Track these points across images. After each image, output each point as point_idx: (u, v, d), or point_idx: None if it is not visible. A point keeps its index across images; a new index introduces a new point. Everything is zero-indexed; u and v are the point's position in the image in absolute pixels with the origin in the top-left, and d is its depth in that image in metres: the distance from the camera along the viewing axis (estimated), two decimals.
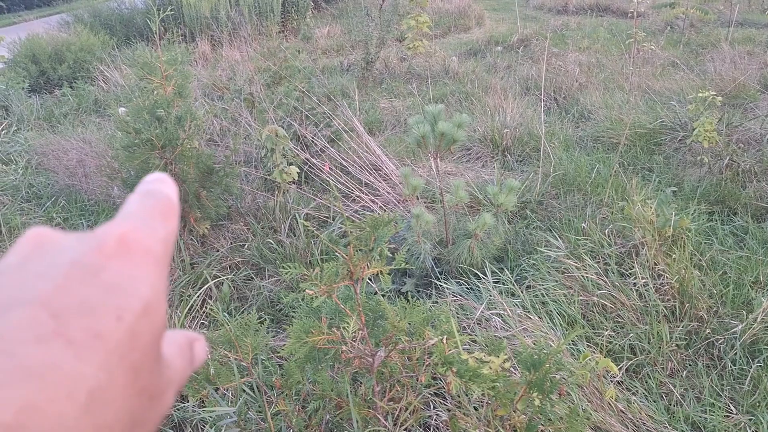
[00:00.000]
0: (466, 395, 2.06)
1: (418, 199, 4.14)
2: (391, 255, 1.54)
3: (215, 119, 5.66)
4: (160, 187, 0.35)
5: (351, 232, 1.40)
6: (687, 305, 2.95)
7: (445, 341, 1.54)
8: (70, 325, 0.26)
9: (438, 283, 3.21)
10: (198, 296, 3.31)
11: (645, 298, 3.01)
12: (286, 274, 1.58)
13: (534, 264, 3.30)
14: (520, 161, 5.18)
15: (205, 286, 3.41)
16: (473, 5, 16.09)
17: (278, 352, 2.85)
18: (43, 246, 0.31)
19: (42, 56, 8.85)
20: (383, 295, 2.95)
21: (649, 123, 5.35)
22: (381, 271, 1.53)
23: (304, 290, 1.58)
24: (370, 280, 2.68)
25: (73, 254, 0.29)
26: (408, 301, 1.91)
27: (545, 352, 1.61)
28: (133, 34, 11.99)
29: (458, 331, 1.88)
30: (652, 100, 6.08)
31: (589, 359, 2.10)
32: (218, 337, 1.76)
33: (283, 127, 4.59)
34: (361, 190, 4.41)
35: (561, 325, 2.80)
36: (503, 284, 3.08)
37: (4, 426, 0.23)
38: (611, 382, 2.51)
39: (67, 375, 0.25)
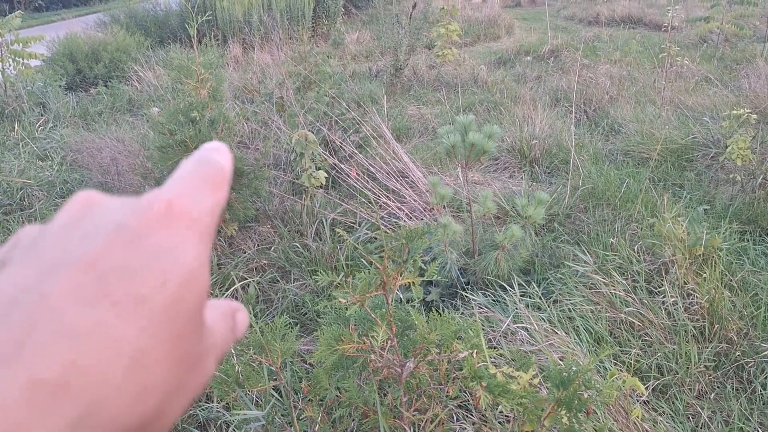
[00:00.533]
0: (492, 410, 2.05)
1: (444, 208, 4.13)
2: (423, 266, 1.53)
3: (245, 122, 5.70)
4: (215, 156, 0.35)
5: (386, 243, 1.40)
6: (717, 326, 2.91)
7: (474, 355, 1.54)
8: (114, 288, 0.27)
9: (464, 293, 3.19)
10: (224, 297, 3.33)
11: (674, 317, 2.97)
12: (317, 281, 1.58)
13: (561, 278, 3.28)
14: (548, 173, 5.15)
15: (232, 288, 3.42)
16: (503, 14, 16.07)
17: (302, 357, 2.86)
18: (91, 208, 0.31)
19: (79, 55, 9.00)
20: (407, 303, 2.94)
21: (681, 139, 5.30)
22: (413, 281, 1.53)
23: (335, 297, 1.58)
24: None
25: (119, 217, 0.29)
26: (432, 310, 1.90)
27: (574, 369, 1.60)
28: (167, 36, 12.14)
29: (485, 344, 1.87)
30: (685, 116, 6.02)
31: (616, 377, 2.08)
32: (248, 340, 1.77)
33: (312, 132, 4.61)
34: (387, 196, 4.41)
35: (588, 341, 2.78)
36: (530, 297, 3.06)
37: (50, 382, 0.24)
38: (638, 401, 2.48)
39: (111, 337, 0.26)
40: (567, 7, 18.49)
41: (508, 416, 2.13)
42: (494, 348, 2.52)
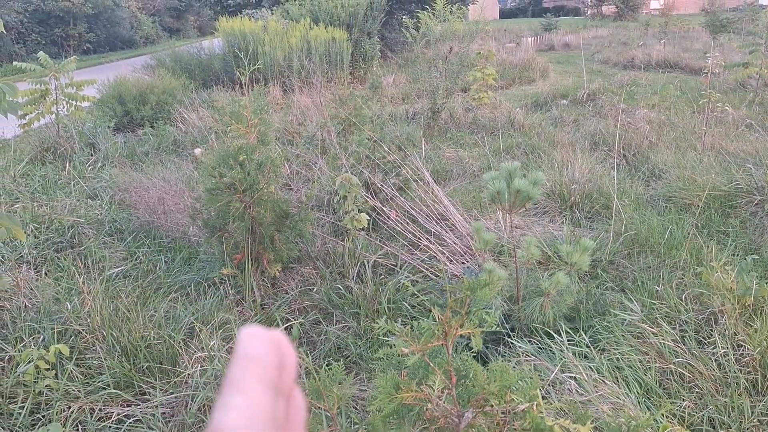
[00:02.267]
0: None
1: (486, 252, 4.14)
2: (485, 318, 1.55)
3: (287, 164, 5.79)
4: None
5: (450, 294, 1.42)
6: None
7: (535, 407, 1.55)
8: None
9: (509, 340, 3.19)
10: None
11: (725, 368, 2.93)
12: (375, 327, 1.61)
13: (607, 326, 3.26)
14: (589, 218, 5.14)
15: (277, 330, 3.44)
16: (537, 58, 16.20)
17: (353, 402, 2.87)
18: None
19: (128, 97, 9.28)
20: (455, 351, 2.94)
21: (724, 185, 5.26)
22: (473, 332, 1.55)
23: (393, 345, 1.60)
24: None
25: None
26: (479, 358, 1.90)
27: (633, 424, 1.59)
28: (210, 78, 12.44)
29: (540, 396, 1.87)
30: (726, 162, 5.98)
31: (670, 431, 2.06)
32: (306, 385, 1.79)
33: (354, 174, 4.67)
34: (428, 239, 4.43)
35: (637, 392, 2.75)
36: (577, 346, 3.04)
37: None
38: None
39: None
40: (601, 51, 18.58)
41: None
42: (543, 398, 2.51)
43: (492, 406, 1.63)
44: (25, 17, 23.79)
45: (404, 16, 18.68)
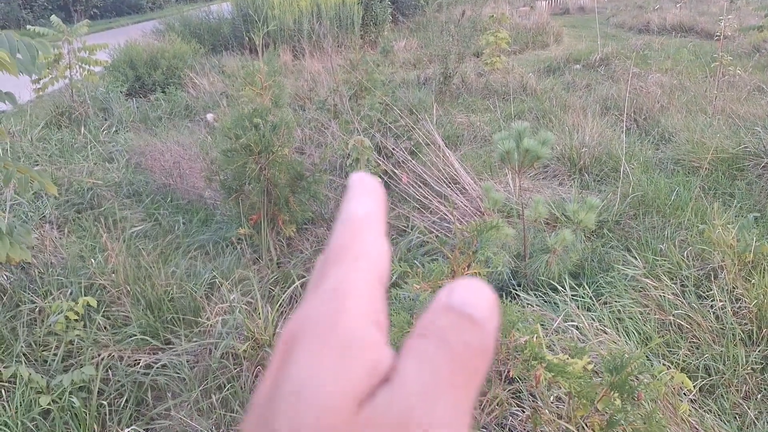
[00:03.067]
0: (546, 398, 2.17)
1: (496, 213, 4.26)
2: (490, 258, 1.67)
3: (300, 128, 5.89)
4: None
5: (458, 234, 1.55)
6: (765, 330, 2.98)
7: (535, 339, 1.67)
8: None
9: (515, 292, 3.32)
10: (286, 295, 3.50)
11: (722, 320, 3.05)
12: (393, 272, 1.73)
13: (611, 281, 3.38)
14: (598, 181, 5.23)
15: (293, 286, 3.59)
16: (552, 22, 16.08)
17: None
18: None
19: (139, 62, 9.36)
20: None
21: (732, 148, 5.32)
22: (479, 271, 1.67)
23: (405, 285, 1.73)
24: None
25: None
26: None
27: (627, 356, 1.72)
28: (219, 43, 12.47)
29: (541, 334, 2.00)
30: (736, 125, 6.03)
31: (665, 373, 2.18)
32: None
33: (366, 138, 4.78)
34: (439, 201, 4.54)
35: (637, 341, 2.88)
36: (580, 298, 3.17)
37: None
38: (685, 398, 2.58)
39: None
40: (616, 15, 18.40)
41: (561, 404, 2.25)
42: (547, 347, 2.64)
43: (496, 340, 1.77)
44: None
45: None
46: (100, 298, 3.28)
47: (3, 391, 2.62)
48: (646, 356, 2.73)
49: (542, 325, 2.90)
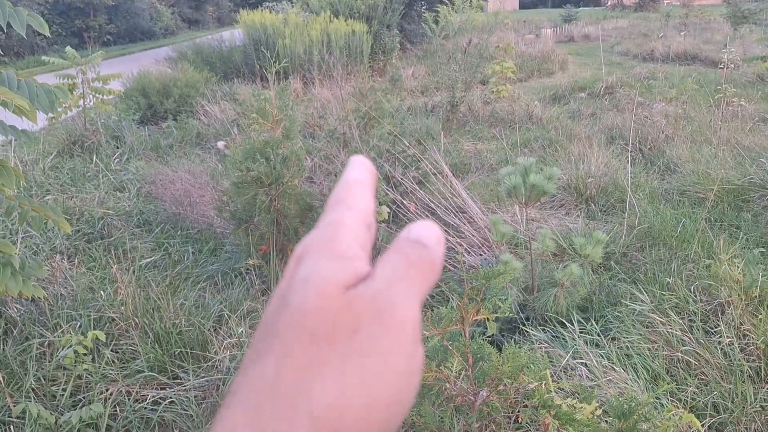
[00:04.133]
0: None
1: (503, 244, 4.27)
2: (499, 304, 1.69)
3: (309, 157, 5.94)
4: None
5: (467, 282, 1.56)
6: None
7: (544, 386, 1.69)
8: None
9: (524, 329, 3.32)
10: None
11: (730, 357, 3.05)
12: None
13: (619, 316, 3.38)
14: (604, 211, 5.25)
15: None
16: (557, 50, 16.21)
17: None
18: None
19: (151, 91, 9.46)
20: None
21: (738, 179, 5.34)
22: (488, 317, 1.68)
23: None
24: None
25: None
26: (495, 343, 2.04)
27: (635, 402, 1.73)
28: (231, 70, 12.59)
29: (550, 377, 2.01)
30: (741, 156, 6.05)
31: (673, 414, 2.19)
32: None
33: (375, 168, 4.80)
34: (447, 231, 4.56)
35: (645, 378, 2.88)
36: (588, 334, 3.17)
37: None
38: None
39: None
40: (621, 43, 18.53)
41: None
42: (555, 383, 2.64)
43: (505, 385, 1.78)
44: (46, 9, 24.04)
45: (423, 8, 18.80)
46: (108, 331, 3.30)
47: (12, 428, 2.63)
48: (656, 396, 2.73)
49: (551, 361, 2.91)
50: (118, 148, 7.27)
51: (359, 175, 0.42)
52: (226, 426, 0.33)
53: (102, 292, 3.65)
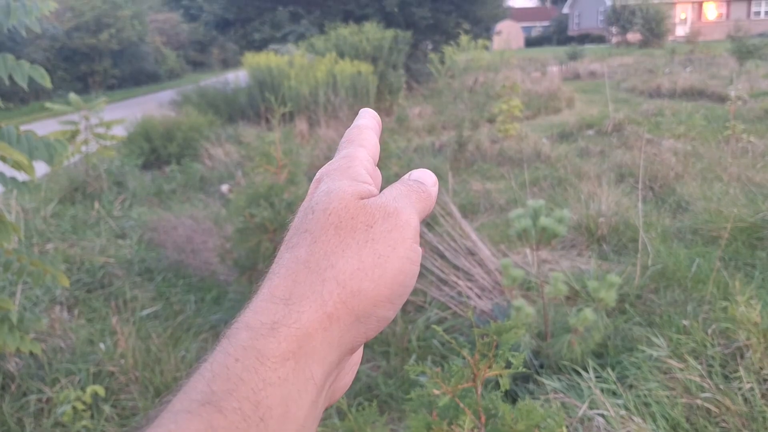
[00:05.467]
0: None
1: (515, 288, 4.18)
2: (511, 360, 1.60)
3: None
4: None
5: (477, 338, 1.49)
6: None
7: None
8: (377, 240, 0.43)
9: (538, 378, 3.21)
10: None
11: (751, 403, 2.93)
12: (411, 372, 1.66)
13: (635, 362, 3.27)
14: (617, 251, 5.15)
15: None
16: (563, 87, 16.24)
17: None
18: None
19: (154, 135, 9.47)
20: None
21: (750, 217, 5.25)
22: (500, 374, 1.59)
23: (425, 386, 1.66)
24: None
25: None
26: (507, 395, 1.94)
27: None
28: (236, 113, 12.64)
29: None
30: (753, 193, 5.96)
31: None
32: (340, 428, 1.84)
33: None
34: (456, 275, 4.48)
35: (665, 428, 2.76)
36: (604, 382, 3.06)
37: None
38: None
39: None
40: (627, 80, 18.58)
41: None
42: None
43: None
44: (52, 54, 24.33)
45: (429, 48, 18.94)
46: (108, 386, 3.21)
47: None
48: None
49: (567, 412, 2.80)
50: (120, 193, 7.24)
51: (368, 122, 0.54)
52: (264, 290, 0.42)
53: (102, 345, 3.57)
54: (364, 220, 0.43)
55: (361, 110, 0.56)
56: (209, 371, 0.37)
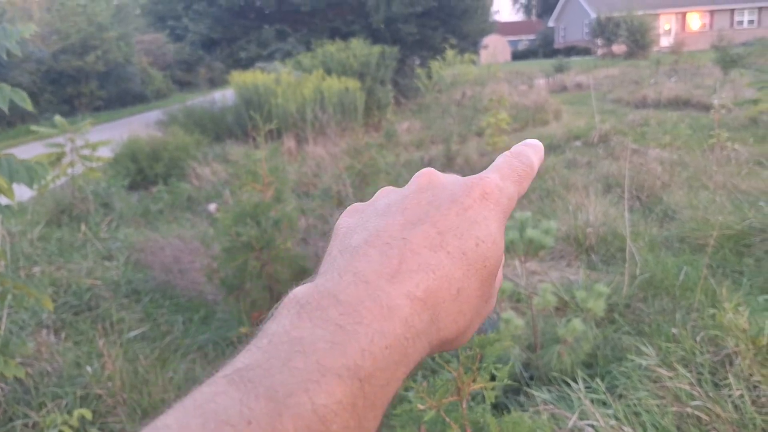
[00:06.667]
0: None
1: (504, 300, 4.18)
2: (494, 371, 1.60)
3: (303, 216, 5.87)
4: (528, 155, 0.51)
5: (461, 352, 1.48)
6: None
7: None
8: (448, 242, 0.41)
9: (527, 389, 3.21)
10: None
11: (741, 410, 2.93)
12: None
13: (624, 371, 3.27)
14: (605, 261, 5.16)
15: None
16: (550, 99, 16.31)
17: None
18: (432, 182, 0.46)
19: (141, 155, 9.46)
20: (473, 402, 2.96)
21: (737, 224, 5.27)
22: (485, 386, 1.59)
23: (410, 401, 1.65)
24: None
25: (452, 192, 0.44)
26: (497, 408, 1.93)
27: None
28: (223, 131, 12.63)
29: None
30: (738, 200, 5.99)
31: None
32: None
33: None
34: None
35: None
36: (594, 393, 3.05)
37: (417, 297, 0.38)
38: None
39: (447, 274, 0.40)
40: (613, 91, 18.69)
41: None
42: None
43: None
44: (38, 78, 24.26)
45: (416, 63, 19.02)
46: (95, 409, 3.17)
47: None
48: None
49: (557, 424, 2.79)
50: (107, 215, 7.20)
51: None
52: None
53: (89, 368, 3.54)
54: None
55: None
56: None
